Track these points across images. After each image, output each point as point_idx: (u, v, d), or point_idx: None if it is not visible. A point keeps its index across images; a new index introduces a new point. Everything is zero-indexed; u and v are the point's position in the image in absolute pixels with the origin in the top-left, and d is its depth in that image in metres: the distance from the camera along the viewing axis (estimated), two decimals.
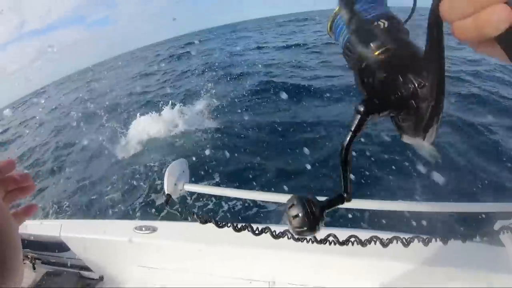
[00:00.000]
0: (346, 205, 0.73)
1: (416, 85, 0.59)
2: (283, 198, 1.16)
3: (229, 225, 1.35)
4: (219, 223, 1.37)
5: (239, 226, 1.30)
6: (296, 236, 0.72)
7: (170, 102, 11.68)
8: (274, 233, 1.16)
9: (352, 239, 1.11)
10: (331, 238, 1.11)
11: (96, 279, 2.81)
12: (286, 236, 1.13)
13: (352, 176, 0.68)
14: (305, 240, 1.12)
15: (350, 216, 3.93)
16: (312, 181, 5.38)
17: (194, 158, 6.88)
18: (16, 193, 0.76)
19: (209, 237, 1.92)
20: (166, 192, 1.81)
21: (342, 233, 1.10)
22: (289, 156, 6.22)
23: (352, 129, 0.65)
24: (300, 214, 0.67)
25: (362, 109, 0.64)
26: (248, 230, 1.24)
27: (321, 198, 0.71)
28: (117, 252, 2.47)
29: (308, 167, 5.58)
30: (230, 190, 1.48)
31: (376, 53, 0.66)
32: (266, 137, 7.42)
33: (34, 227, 2.97)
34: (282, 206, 0.79)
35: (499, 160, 5.05)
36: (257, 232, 1.20)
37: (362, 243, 1.10)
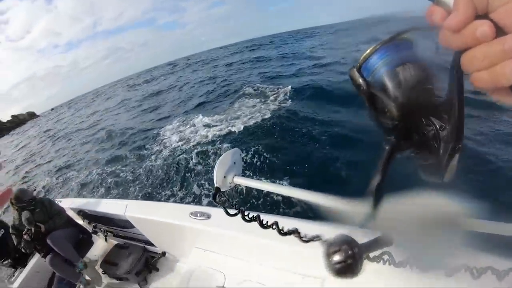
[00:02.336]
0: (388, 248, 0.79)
1: (438, 127, 0.63)
2: (339, 202, 1.11)
3: (274, 227, 1.32)
4: (264, 224, 1.36)
5: (285, 230, 1.27)
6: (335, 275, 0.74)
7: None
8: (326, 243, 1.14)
9: None
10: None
11: (159, 253, 3.08)
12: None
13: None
14: None
15: None
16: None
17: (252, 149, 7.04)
18: None
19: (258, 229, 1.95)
20: (215, 185, 1.88)
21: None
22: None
23: (381, 166, 0.70)
24: (341, 259, 0.71)
25: (388, 147, 0.70)
26: (295, 235, 1.22)
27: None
28: (176, 233, 2.65)
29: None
30: (282, 187, 1.44)
31: (401, 96, 0.69)
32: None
33: (103, 205, 3.31)
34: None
35: None
36: (304, 239, 1.19)
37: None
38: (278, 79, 14.98)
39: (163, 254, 3.06)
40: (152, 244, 3.18)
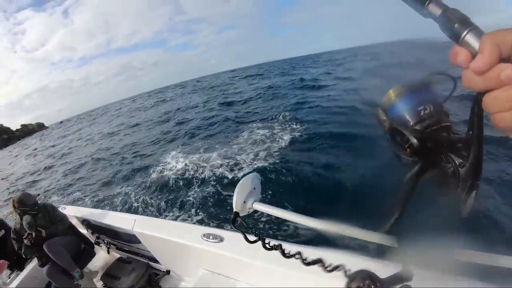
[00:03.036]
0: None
1: (457, 164, 0.67)
2: (363, 234, 1.07)
3: (297, 257, 1.32)
4: (286, 253, 1.35)
5: (308, 260, 1.27)
6: None
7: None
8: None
9: None
10: None
11: (164, 271, 2.95)
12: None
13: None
14: None
15: None
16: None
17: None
18: None
19: (276, 257, 1.86)
20: (234, 210, 1.80)
21: None
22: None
23: (403, 195, 0.78)
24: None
25: (411, 177, 0.77)
26: (319, 265, 1.19)
27: None
28: (184, 252, 2.53)
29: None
30: (302, 217, 1.39)
31: (420, 133, 0.76)
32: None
33: (110, 217, 3.18)
34: None
35: None
36: (328, 269, 1.14)
37: None
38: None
39: (168, 272, 2.91)
40: (156, 261, 3.03)
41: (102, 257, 3.75)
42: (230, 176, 7.53)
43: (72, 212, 3.60)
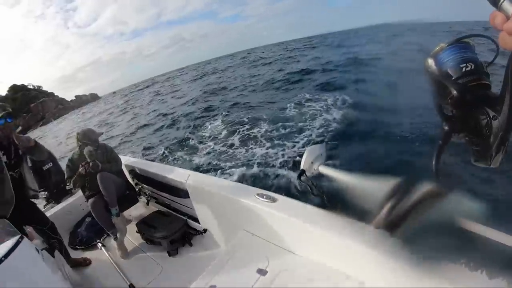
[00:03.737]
0: None
1: (491, 116, 0.75)
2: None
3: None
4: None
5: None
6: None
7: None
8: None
9: None
10: None
11: (200, 231, 3.01)
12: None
13: None
14: None
15: None
16: None
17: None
18: None
19: (320, 222, 1.87)
20: (302, 167, 1.89)
21: None
22: None
23: (439, 143, 0.92)
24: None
25: (446, 128, 0.89)
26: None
27: None
28: (229, 210, 2.56)
29: None
30: (365, 180, 1.40)
31: (462, 86, 0.84)
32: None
33: (163, 170, 3.31)
34: None
35: None
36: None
37: None
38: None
39: (204, 231, 2.96)
40: (195, 220, 3.10)
41: (139, 209, 3.86)
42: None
43: (123, 161, 3.75)
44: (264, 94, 15.91)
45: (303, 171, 1.87)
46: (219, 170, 7.07)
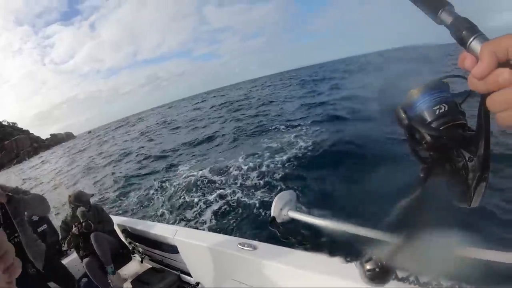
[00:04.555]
0: None
1: (466, 158, 0.75)
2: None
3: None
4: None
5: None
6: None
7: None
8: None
9: None
10: None
11: (193, 284, 3.03)
12: None
13: None
14: None
15: None
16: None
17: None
18: None
19: (305, 263, 1.94)
20: (272, 214, 1.95)
21: None
22: None
23: (413, 192, 0.85)
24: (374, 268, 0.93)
25: (422, 174, 0.85)
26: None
27: None
28: (217, 261, 2.64)
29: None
30: (339, 223, 1.44)
31: (436, 131, 0.82)
32: None
33: (151, 227, 3.40)
34: None
35: None
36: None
37: None
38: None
39: (197, 284, 2.99)
40: (188, 274, 3.14)
41: (134, 266, 3.88)
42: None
43: (115, 221, 3.84)
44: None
45: (273, 218, 1.92)
46: (195, 220, 7.12)
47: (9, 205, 2.37)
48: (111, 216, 3.82)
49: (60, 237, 3.44)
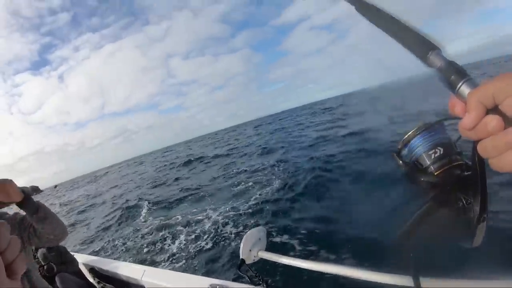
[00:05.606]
0: None
1: (465, 202, 0.77)
2: (375, 276, 1.09)
3: None
4: None
5: None
6: None
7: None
8: None
9: None
10: None
11: None
12: None
13: None
14: None
15: None
16: None
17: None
18: None
19: None
20: (241, 257, 1.90)
21: None
22: None
23: (413, 228, 0.85)
24: None
25: (423, 213, 0.83)
26: None
27: None
28: None
29: None
30: (310, 262, 1.41)
31: (435, 174, 0.84)
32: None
33: (118, 267, 3.25)
34: None
35: None
36: None
37: None
38: None
39: None
40: None
41: None
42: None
43: (80, 259, 3.63)
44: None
45: (243, 261, 1.86)
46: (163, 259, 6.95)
47: None
48: (75, 255, 3.62)
49: None
